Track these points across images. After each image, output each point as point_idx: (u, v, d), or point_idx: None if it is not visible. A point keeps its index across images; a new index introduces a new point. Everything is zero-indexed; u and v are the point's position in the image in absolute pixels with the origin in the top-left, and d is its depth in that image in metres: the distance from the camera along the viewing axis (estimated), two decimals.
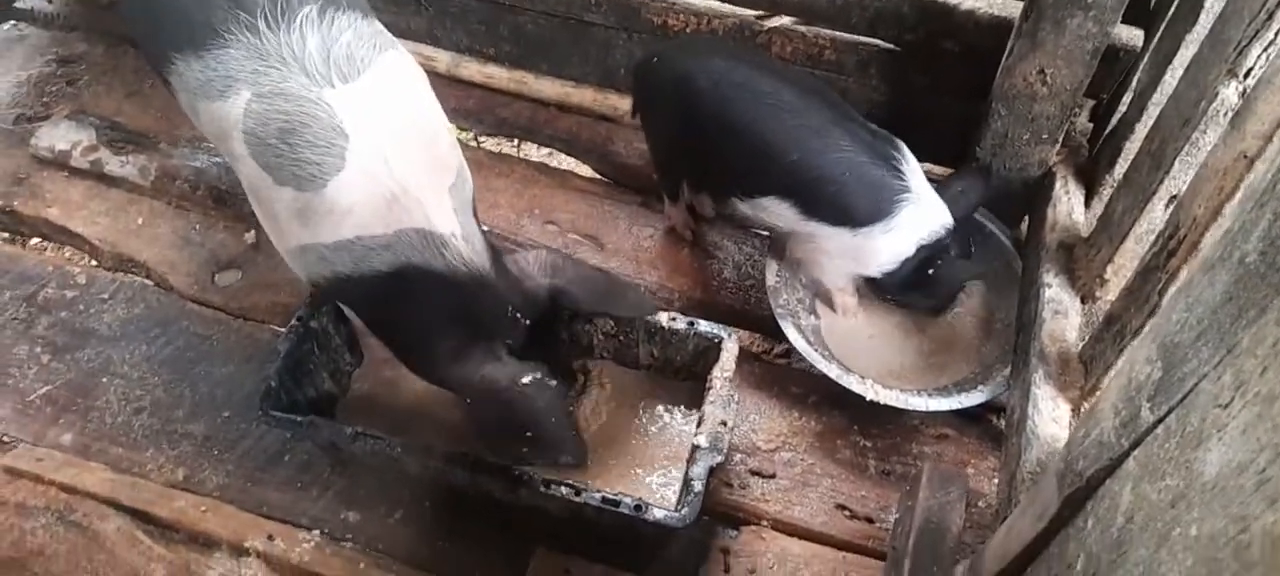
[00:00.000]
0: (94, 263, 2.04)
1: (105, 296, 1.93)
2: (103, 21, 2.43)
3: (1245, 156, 1.12)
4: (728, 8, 2.14)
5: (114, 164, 2.11)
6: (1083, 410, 1.49)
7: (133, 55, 2.35)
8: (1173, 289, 1.26)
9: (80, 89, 2.30)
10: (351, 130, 1.30)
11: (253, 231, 2.03)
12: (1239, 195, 1.16)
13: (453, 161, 1.44)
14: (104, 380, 1.80)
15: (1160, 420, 0.80)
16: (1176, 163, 1.42)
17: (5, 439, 1.75)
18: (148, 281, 1.98)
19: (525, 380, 1.41)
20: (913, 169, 1.71)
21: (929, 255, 1.73)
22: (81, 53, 2.39)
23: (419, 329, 1.44)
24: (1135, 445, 0.86)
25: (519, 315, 1.46)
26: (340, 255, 1.36)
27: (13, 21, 2.46)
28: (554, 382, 1.45)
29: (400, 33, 1.48)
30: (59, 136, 2.14)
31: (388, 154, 1.32)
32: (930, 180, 1.76)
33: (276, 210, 1.37)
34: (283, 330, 1.67)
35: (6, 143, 2.19)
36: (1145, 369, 0.84)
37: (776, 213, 1.76)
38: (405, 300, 1.40)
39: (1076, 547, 0.98)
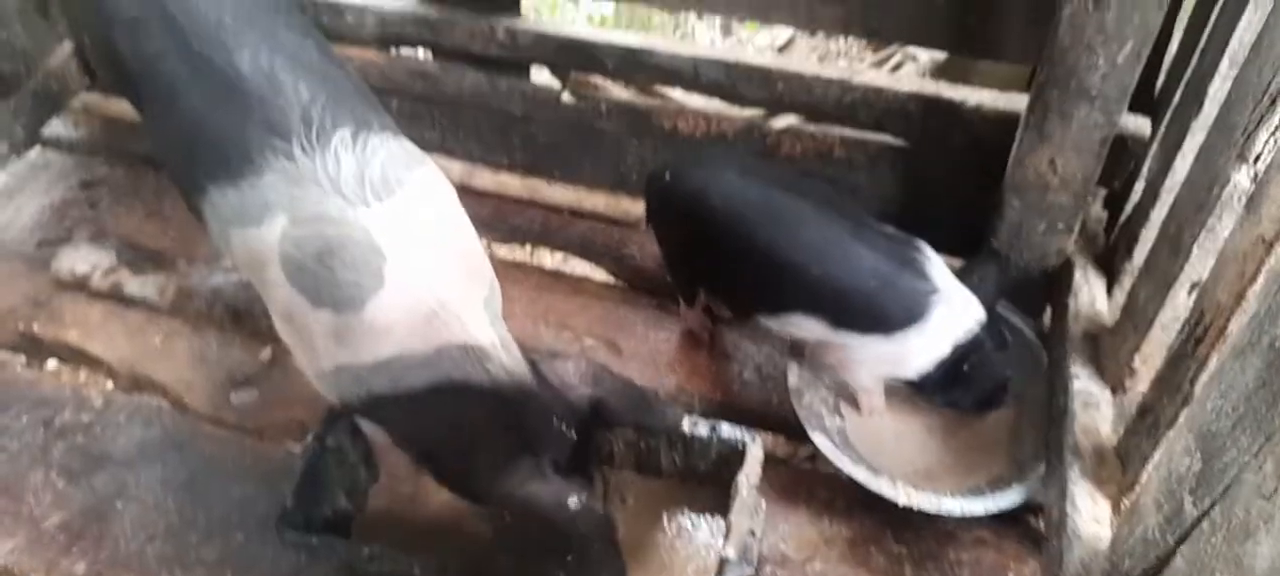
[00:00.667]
0: (111, 384, 2.04)
1: (121, 419, 1.92)
2: (125, 143, 2.50)
3: (1264, 240, 1.11)
4: (736, 110, 2.19)
5: (133, 285, 2.13)
6: (1123, 506, 1.44)
7: (153, 176, 2.41)
8: (1204, 376, 1.23)
9: (101, 211, 2.35)
10: (388, 249, 1.31)
11: (268, 348, 2.04)
12: (1262, 280, 1.15)
13: (486, 273, 1.45)
14: (118, 505, 1.78)
15: (1205, 514, 0.77)
16: (1195, 248, 1.41)
17: (17, 572, 1.72)
18: (164, 402, 1.97)
19: (573, 502, 1.35)
20: (938, 268, 1.71)
21: (965, 353, 1.70)
22: (103, 176, 2.45)
23: (460, 444, 1.41)
24: (1181, 541, 0.83)
25: (564, 427, 1.42)
26: (378, 374, 1.35)
27: (38, 148, 2.54)
28: (602, 506, 1.41)
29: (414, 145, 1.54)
30: (79, 259, 2.17)
31: (425, 270, 1.33)
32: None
33: (312, 333, 1.37)
34: (298, 448, 1.66)
35: (28, 267, 2.22)
36: (1184, 460, 0.82)
37: (805, 328, 1.75)
38: (446, 415, 1.38)
39: None
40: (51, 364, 2.12)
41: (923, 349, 1.69)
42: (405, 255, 1.32)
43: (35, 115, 2.46)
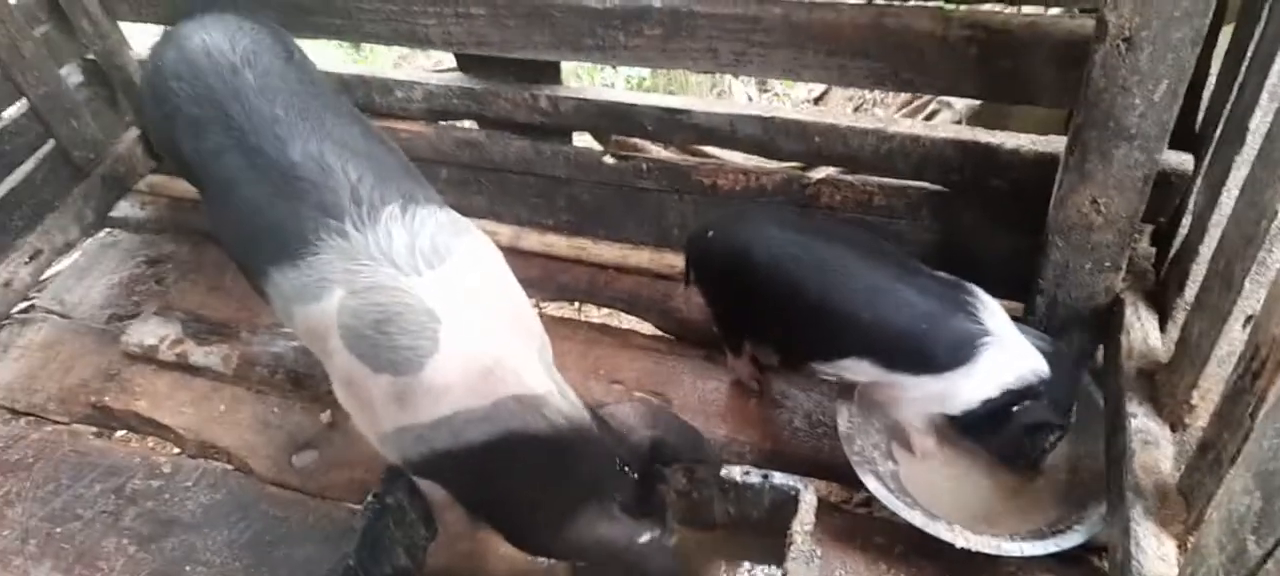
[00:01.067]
0: (178, 451, 2.11)
1: (189, 484, 1.99)
2: (189, 221, 2.61)
3: None
4: (774, 164, 2.22)
5: (198, 354, 2.21)
6: (1189, 545, 1.42)
7: (215, 251, 2.51)
8: (1263, 412, 1.22)
9: (167, 286, 2.45)
10: (443, 313, 1.37)
11: (329, 411, 2.09)
12: None
13: (536, 329, 1.51)
14: (187, 569, 1.83)
15: (1269, 553, 0.76)
16: (1247, 282, 1.39)
17: None
18: (229, 466, 2.04)
19: (643, 540, 1.38)
20: (992, 313, 1.71)
21: (1014, 399, 1.70)
22: (169, 252, 2.56)
23: (524, 495, 1.44)
24: None
25: (627, 468, 1.45)
26: (438, 432, 1.39)
27: (108, 229, 2.66)
28: (671, 541, 1.42)
29: (463, 211, 1.59)
30: (148, 332, 2.27)
31: (479, 329, 1.38)
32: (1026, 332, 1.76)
33: (372, 398, 1.42)
34: (359, 507, 1.69)
35: (99, 342, 2.32)
36: (1244, 500, 0.81)
37: (858, 371, 1.77)
38: (508, 468, 1.41)
39: None
40: (121, 433, 2.20)
41: (970, 389, 1.70)
42: (458, 317, 1.37)
43: (104, 198, 2.59)
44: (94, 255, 2.59)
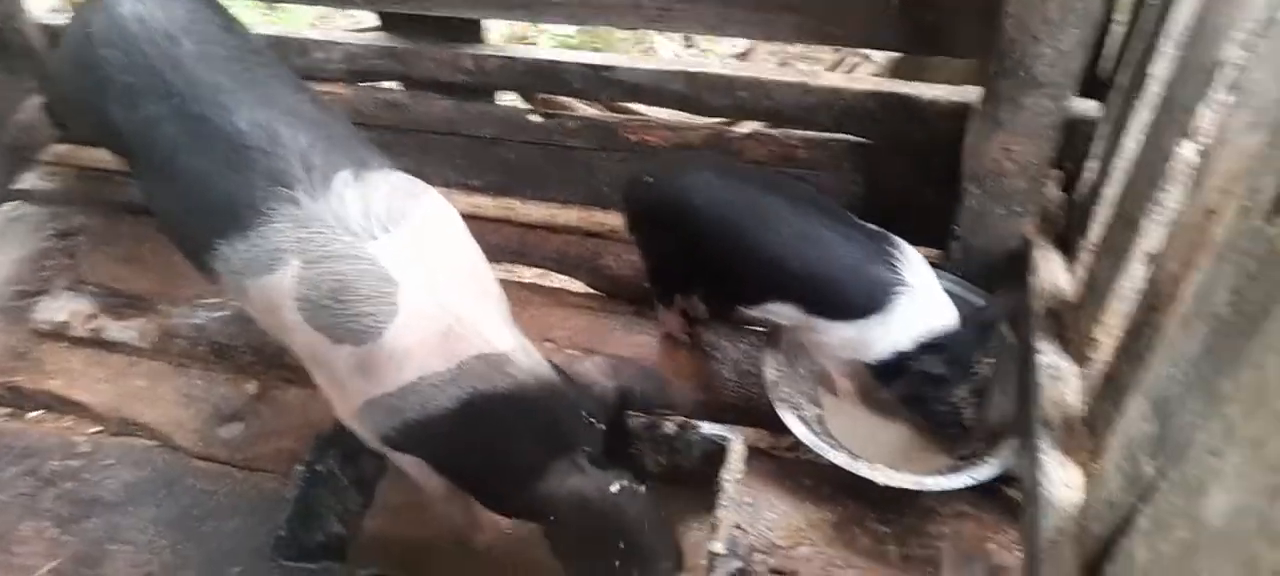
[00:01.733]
0: (98, 429, 2.05)
1: (110, 462, 1.93)
2: (100, 192, 2.50)
3: (1208, 211, 1.16)
4: (700, 119, 2.23)
5: (114, 329, 2.14)
6: (1093, 472, 1.50)
7: (129, 222, 2.42)
8: (1160, 343, 1.29)
9: (78, 260, 2.36)
10: (400, 276, 1.35)
11: (254, 382, 2.05)
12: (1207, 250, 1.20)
13: (495, 288, 1.50)
14: (112, 548, 1.79)
15: (1162, 474, 0.81)
16: (1147, 222, 1.47)
17: None
18: (152, 442, 1.99)
19: (614, 488, 1.36)
20: (912, 264, 1.76)
21: (926, 350, 1.75)
22: (79, 225, 2.45)
23: (495, 455, 1.43)
24: (1142, 501, 0.87)
25: (593, 420, 1.45)
26: (407, 400, 1.38)
27: (13, 203, 2.53)
28: (643, 487, 1.40)
29: None
30: (58, 308, 2.19)
31: (437, 291, 1.37)
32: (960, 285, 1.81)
33: (337, 370, 1.40)
34: (288, 478, 1.67)
35: (7, 320, 2.22)
36: (1141, 426, 0.87)
37: (781, 314, 1.82)
38: (478, 429, 1.40)
39: None
40: (36, 414, 2.12)
41: (883, 338, 1.75)
42: (416, 279, 1.36)
43: (6, 169, 2.47)
44: None
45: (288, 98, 1.51)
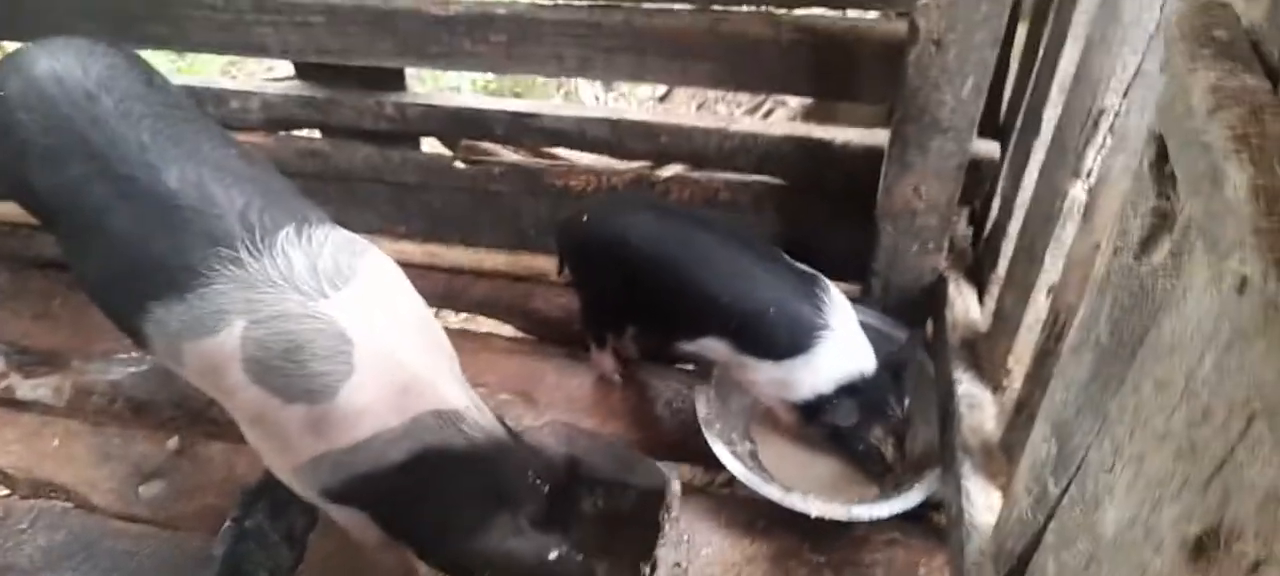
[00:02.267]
0: (7, 492, 1.97)
1: (24, 526, 1.86)
2: (7, 246, 2.42)
3: (1097, 247, 1.25)
4: (623, 164, 2.28)
5: (25, 388, 2.08)
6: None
7: (38, 277, 2.35)
8: (1055, 370, 1.37)
9: None
10: (354, 334, 1.34)
11: (175, 438, 2.00)
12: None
13: (445, 342, 1.50)
14: None
15: (1064, 491, 0.88)
16: (1047, 256, 1.56)
17: None
18: (68, 504, 1.92)
19: (552, 556, 1.38)
20: (837, 307, 1.82)
21: (845, 393, 1.81)
22: None
23: (438, 509, 1.43)
24: (1049, 518, 0.94)
25: (538, 481, 1.46)
26: (357, 456, 1.37)
27: None
28: (580, 558, 1.42)
29: None
30: None
31: (392, 348, 1.37)
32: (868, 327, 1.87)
33: (287, 430, 1.38)
34: (214, 536, 1.64)
35: None
36: (1043, 447, 0.93)
37: (714, 350, 1.86)
38: (426, 483, 1.40)
39: None
40: None
41: (806, 380, 1.81)
42: (370, 337, 1.35)
43: None
44: None
45: (216, 153, 1.49)
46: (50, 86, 1.48)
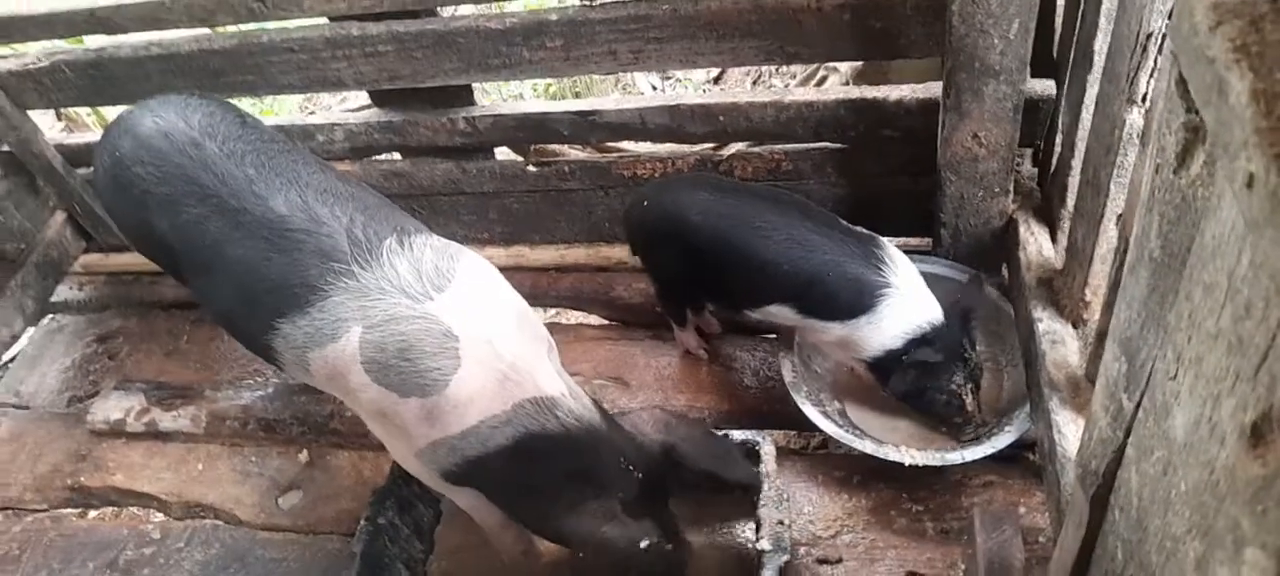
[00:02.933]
0: (163, 516, 2.17)
1: (181, 545, 2.05)
2: (131, 294, 2.63)
3: (1156, 169, 1.28)
4: (687, 148, 2.35)
5: (166, 420, 2.26)
6: None
7: (164, 319, 2.55)
8: (1120, 290, 1.40)
9: (122, 360, 2.49)
10: (459, 331, 1.46)
11: (304, 451, 2.17)
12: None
13: (543, 332, 1.61)
14: None
15: (1137, 405, 0.93)
16: (1112, 185, 1.58)
17: None
18: (217, 521, 2.10)
19: (644, 545, 1.45)
20: (896, 265, 1.86)
21: (915, 347, 1.83)
22: (117, 327, 2.59)
23: (540, 489, 1.53)
24: (1127, 433, 0.99)
25: (631, 467, 1.52)
26: (467, 441, 1.49)
27: (50, 316, 2.66)
28: (670, 549, 1.48)
29: None
30: (111, 407, 2.30)
31: (493, 341, 1.48)
32: (925, 265, 1.90)
33: (406, 422, 1.51)
34: (350, 536, 1.78)
35: (64, 425, 2.35)
36: (1115, 366, 0.99)
37: (781, 315, 1.92)
38: (527, 466, 1.50)
39: (1114, 540, 1.08)
40: (103, 510, 2.25)
41: (873, 337, 1.85)
42: (473, 332, 1.47)
43: (42, 286, 2.59)
44: (41, 343, 2.60)
45: (315, 177, 1.63)
46: (159, 141, 1.64)
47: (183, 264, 1.68)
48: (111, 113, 3.20)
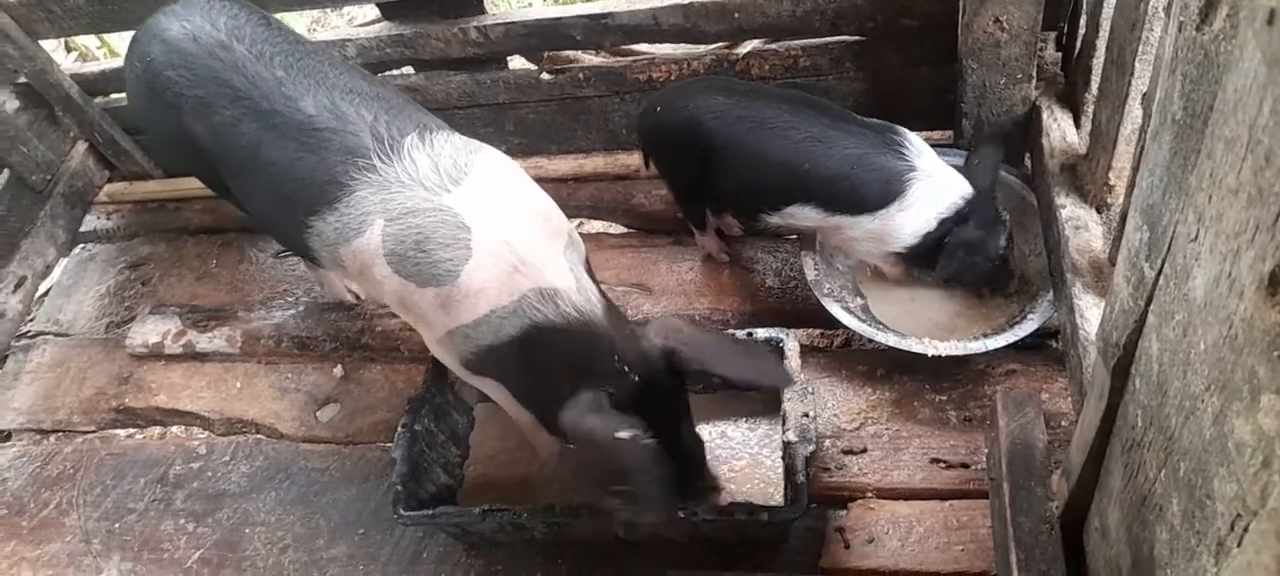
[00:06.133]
0: (208, 432, 2.24)
1: (227, 459, 2.12)
2: (158, 222, 2.68)
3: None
4: (702, 48, 2.32)
5: (203, 341, 2.32)
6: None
7: (193, 244, 2.59)
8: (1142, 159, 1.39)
9: (155, 286, 2.54)
10: (472, 223, 1.50)
11: (339, 366, 2.22)
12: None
13: (563, 227, 1.62)
14: (247, 531, 1.99)
15: (1159, 272, 0.94)
16: (1137, 64, 1.56)
17: None
18: (260, 435, 2.17)
19: (621, 434, 1.45)
20: (918, 150, 1.84)
21: (950, 225, 1.84)
22: (147, 254, 2.63)
23: (541, 378, 1.58)
24: (1148, 302, 1.00)
25: (627, 368, 1.53)
26: (481, 330, 1.54)
27: (82, 245, 2.71)
28: (650, 441, 1.46)
29: None
30: (148, 331, 2.36)
31: (505, 233, 1.51)
32: (945, 156, 1.89)
33: (423, 310, 1.56)
34: (389, 445, 1.83)
35: (105, 350, 2.42)
36: (1137, 236, 0.99)
37: (804, 216, 1.91)
38: (531, 355, 1.54)
39: (1134, 409, 1.11)
40: (150, 430, 2.33)
41: (907, 224, 1.85)
42: (485, 225, 1.51)
43: (71, 215, 2.63)
44: (75, 272, 2.66)
45: (341, 78, 1.65)
46: (188, 44, 1.66)
47: (221, 167, 1.71)
48: (119, 41, 3.20)
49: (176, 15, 1.70)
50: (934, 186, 1.83)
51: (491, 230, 1.50)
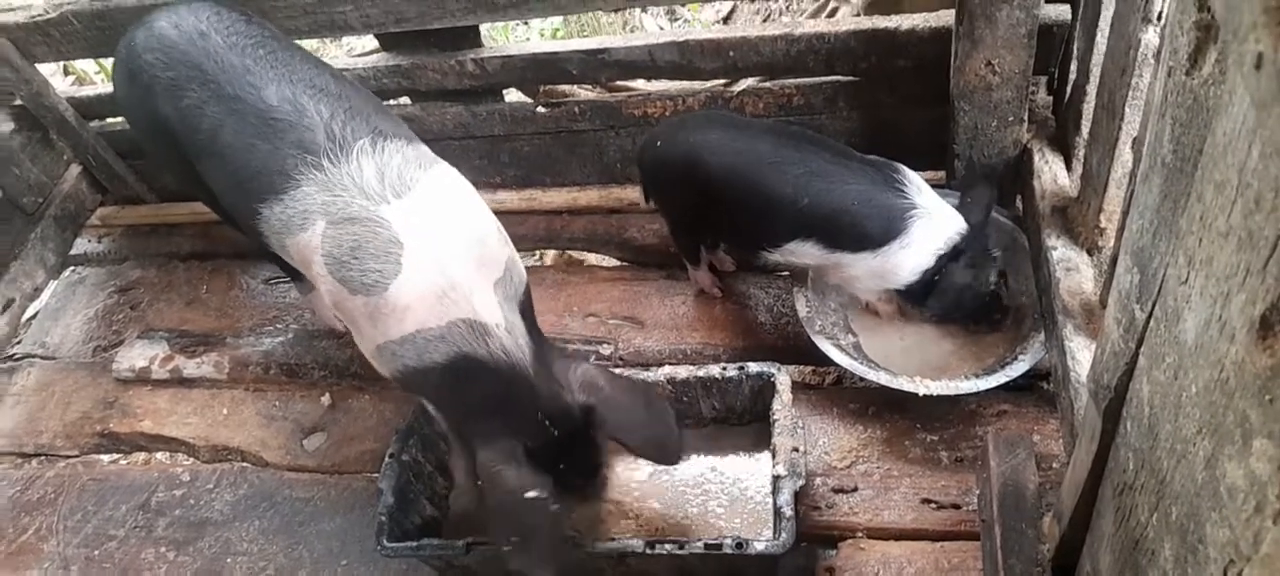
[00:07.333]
0: (193, 459, 2.22)
1: (210, 486, 2.10)
2: (149, 246, 2.67)
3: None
4: (697, 84, 2.34)
5: (190, 367, 2.30)
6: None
7: (183, 269, 2.58)
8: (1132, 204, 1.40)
9: (143, 310, 2.52)
10: (405, 238, 1.49)
11: (327, 394, 2.21)
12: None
13: (500, 257, 1.60)
14: (229, 561, 1.96)
15: (1149, 315, 0.94)
16: (1127, 108, 1.57)
17: None
18: (245, 463, 2.15)
19: (529, 494, 1.48)
20: (917, 187, 1.85)
21: (947, 261, 1.84)
22: (137, 278, 2.62)
23: (465, 412, 1.58)
24: (1139, 344, 1.00)
25: (547, 421, 1.54)
26: (406, 349, 1.53)
27: (71, 268, 2.70)
28: (555, 507, 1.49)
29: None
30: (135, 355, 2.35)
31: (437, 255, 1.50)
32: (942, 194, 1.90)
33: (356, 317, 1.56)
34: (375, 475, 1.81)
35: (91, 374, 2.39)
36: (1127, 277, 0.99)
37: (804, 253, 1.90)
38: (457, 386, 1.54)
39: (1126, 452, 1.10)
40: (134, 455, 2.30)
41: (907, 261, 1.84)
42: (419, 243, 1.50)
43: (61, 238, 2.63)
44: (64, 295, 2.64)
45: (309, 73, 1.66)
46: (169, 32, 1.70)
47: (186, 149, 1.71)
48: None
49: (167, 12, 1.75)
50: (934, 224, 1.83)
51: (425, 249, 1.50)
